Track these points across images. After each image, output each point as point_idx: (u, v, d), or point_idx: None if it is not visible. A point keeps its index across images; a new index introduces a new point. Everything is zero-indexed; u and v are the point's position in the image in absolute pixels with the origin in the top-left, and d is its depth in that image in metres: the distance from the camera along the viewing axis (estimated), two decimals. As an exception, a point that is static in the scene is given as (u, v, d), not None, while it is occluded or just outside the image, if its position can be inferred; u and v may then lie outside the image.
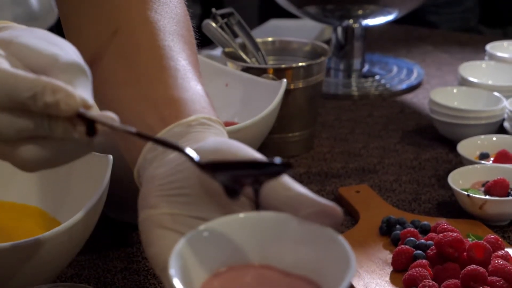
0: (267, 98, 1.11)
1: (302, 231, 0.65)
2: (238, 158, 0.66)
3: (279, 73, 1.27)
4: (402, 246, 0.99)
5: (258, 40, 1.37)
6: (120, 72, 0.83)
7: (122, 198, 1.05)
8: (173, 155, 0.72)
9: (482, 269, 0.91)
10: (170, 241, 0.65)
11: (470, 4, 2.24)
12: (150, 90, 0.79)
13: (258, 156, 0.69)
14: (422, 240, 1.00)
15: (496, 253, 0.96)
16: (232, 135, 0.78)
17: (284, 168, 0.64)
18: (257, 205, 0.66)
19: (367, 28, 1.64)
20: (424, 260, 0.95)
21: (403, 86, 1.61)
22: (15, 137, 0.64)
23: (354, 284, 0.95)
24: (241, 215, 0.66)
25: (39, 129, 0.63)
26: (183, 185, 0.70)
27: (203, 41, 1.14)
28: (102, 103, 0.83)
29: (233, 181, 0.65)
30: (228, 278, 0.64)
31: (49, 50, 0.65)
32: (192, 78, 0.81)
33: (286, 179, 0.67)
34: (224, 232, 0.65)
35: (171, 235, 0.67)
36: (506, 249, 0.98)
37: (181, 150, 0.66)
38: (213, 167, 0.65)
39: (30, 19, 0.78)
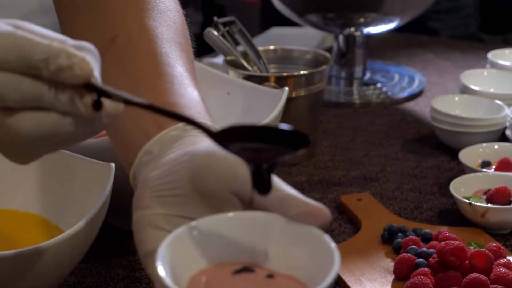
0: (268, 106, 1.11)
1: (290, 231, 0.66)
2: (252, 124, 0.64)
3: (280, 81, 1.27)
4: (404, 254, 0.99)
5: (260, 48, 1.37)
6: (117, 78, 0.84)
7: (125, 206, 1.04)
8: (167, 158, 0.73)
9: (484, 277, 0.91)
10: (161, 241, 0.65)
11: (470, 11, 2.25)
12: (146, 95, 0.79)
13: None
14: (424, 248, 1.00)
15: (498, 261, 0.96)
16: (234, 143, 0.78)
17: (301, 144, 0.63)
18: (267, 188, 0.65)
19: (369, 36, 1.64)
20: (426, 268, 0.95)
21: (405, 94, 1.61)
22: (18, 102, 0.61)
23: (356, 292, 0.95)
24: (230, 214, 0.67)
25: (45, 97, 0.61)
26: (176, 186, 0.70)
27: (205, 49, 1.14)
28: None
29: (248, 158, 0.64)
30: (216, 275, 0.64)
31: (57, 35, 0.64)
32: (188, 84, 0.81)
33: (275, 180, 0.67)
34: (212, 230, 0.66)
35: (163, 234, 0.67)
36: (508, 257, 0.98)
37: (192, 121, 0.65)
38: (226, 138, 0.64)
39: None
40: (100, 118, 0.62)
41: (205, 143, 0.72)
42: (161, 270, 0.61)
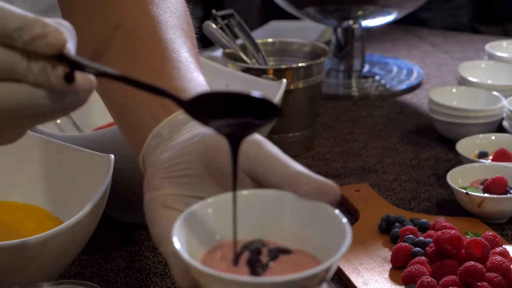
0: (267, 98, 1.12)
1: (302, 208, 0.67)
2: (222, 91, 0.64)
3: (279, 74, 1.28)
4: (401, 243, 1.00)
5: (258, 41, 1.38)
6: (123, 64, 0.84)
7: (124, 198, 1.06)
8: (177, 140, 0.74)
9: (480, 266, 0.92)
10: (173, 220, 0.66)
11: (462, 1, 2.25)
12: (153, 80, 0.80)
13: (256, 136, 0.70)
14: (421, 238, 1.01)
15: (494, 250, 0.97)
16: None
17: (274, 113, 0.63)
18: (234, 158, 0.66)
19: (367, 29, 1.65)
20: (422, 257, 0.96)
21: (403, 86, 1.62)
22: None
23: (353, 281, 0.96)
24: (245, 191, 0.68)
25: (17, 68, 0.61)
26: (187, 166, 0.71)
27: (204, 43, 1.15)
28: (105, 94, 0.85)
29: (221, 127, 0.65)
30: (230, 251, 0.66)
31: (29, 14, 0.63)
32: (194, 69, 0.82)
33: (284, 157, 0.69)
34: (227, 207, 0.67)
35: (175, 214, 0.68)
36: (504, 246, 0.99)
37: (163, 92, 0.65)
38: (198, 107, 0.64)
39: None
40: (72, 92, 0.62)
41: None
42: (177, 244, 0.62)
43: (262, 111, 0.63)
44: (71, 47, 0.62)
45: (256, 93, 0.63)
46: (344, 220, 0.65)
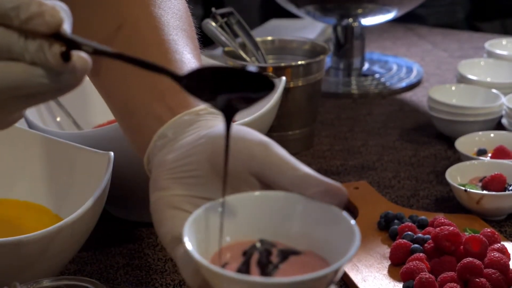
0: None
1: (310, 209, 0.67)
2: (217, 66, 0.65)
3: (278, 72, 1.28)
4: (400, 240, 1.00)
5: (258, 39, 1.38)
6: (125, 65, 0.84)
7: (124, 195, 1.06)
8: (183, 141, 0.74)
9: (478, 262, 0.92)
10: (181, 221, 0.67)
11: None
12: (157, 81, 0.80)
13: (263, 137, 0.70)
14: (420, 234, 1.01)
15: (492, 246, 0.97)
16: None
17: (269, 87, 0.64)
18: (227, 131, 0.67)
19: (367, 27, 1.65)
20: (421, 254, 0.97)
21: (403, 84, 1.62)
22: None
23: (352, 277, 0.96)
24: (257, 193, 0.69)
25: (14, 47, 0.62)
26: (194, 167, 0.71)
27: (204, 41, 1.16)
28: (108, 95, 0.85)
29: (217, 101, 0.65)
30: (239, 251, 0.66)
31: None
32: None
33: (292, 159, 0.69)
34: (237, 208, 0.68)
35: (182, 214, 0.69)
36: (502, 243, 0.99)
37: (158, 68, 0.65)
38: (195, 85, 0.65)
39: None
40: (69, 71, 0.62)
41: (221, 126, 0.73)
42: (189, 245, 0.63)
43: (257, 85, 0.64)
44: (67, 27, 0.62)
45: (251, 68, 0.64)
46: (353, 221, 0.66)
